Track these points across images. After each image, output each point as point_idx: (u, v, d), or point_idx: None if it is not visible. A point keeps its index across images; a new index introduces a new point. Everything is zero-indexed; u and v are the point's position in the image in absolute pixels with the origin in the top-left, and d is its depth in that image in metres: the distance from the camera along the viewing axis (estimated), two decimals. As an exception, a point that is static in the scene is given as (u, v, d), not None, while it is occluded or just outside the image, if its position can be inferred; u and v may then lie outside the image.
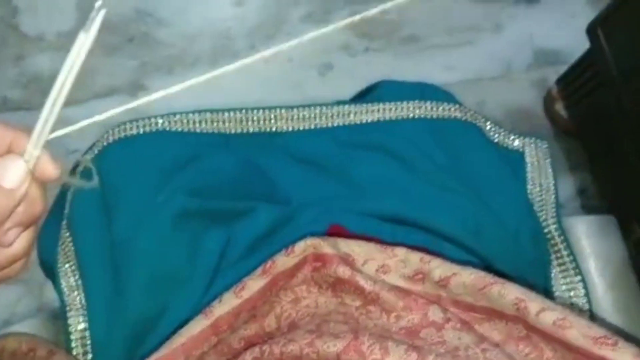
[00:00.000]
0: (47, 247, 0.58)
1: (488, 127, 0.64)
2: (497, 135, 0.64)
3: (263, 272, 0.47)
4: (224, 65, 0.32)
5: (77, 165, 0.58)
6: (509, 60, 1.25)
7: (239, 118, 0.61)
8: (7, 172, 0.29)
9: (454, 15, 1.27)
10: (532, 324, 0.39)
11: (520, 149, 0.64)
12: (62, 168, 0.31)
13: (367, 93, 0.67)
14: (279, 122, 0.61)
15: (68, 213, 0.57)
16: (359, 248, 0.49)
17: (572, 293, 0.58)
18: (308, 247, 0.48)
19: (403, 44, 1.26)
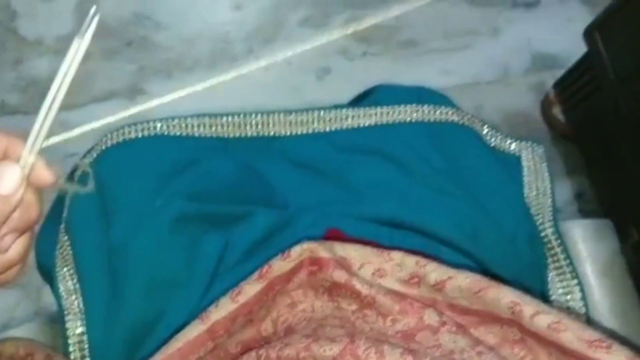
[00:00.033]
0: (45, 251, 0.58)
1: (485, 130, 0.64)
2: (494, 139, 0.65)
3: (259, 276, 0.47)
4: (223, 69, 0.32)
5: (75, 169, 0.59)
6: (507, 65, 1.26)
7: (238, 122, 0.61)
8: (2, 178, 0.29)
9: (452, 20, 1.28)
10: (527, 327, 0.39)
11: (517, 153, 0.64)
12: (57, 174, 0.31)
13: (364, 97, 0.67)
14: (277, 126, 0.61)
15: (66, 217, 0.57)
16: (355, 252, 0.49)
17: (568, 297, 0.58)
18: (304, 251, 0.48)
19: (401, 49, 1.26)
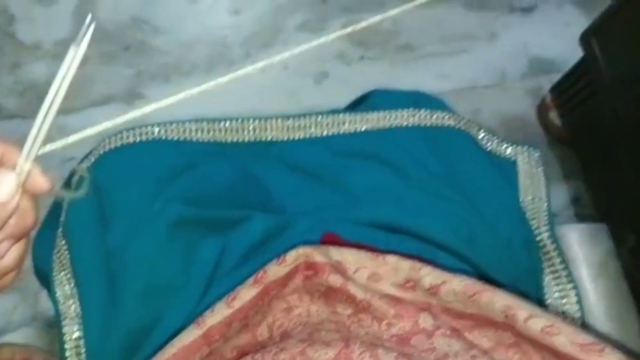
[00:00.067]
0: (42, 255, 0.58)
1: (481, 135, 0.65)
2: (490, 144, 0.65)
3: (255, 281, 0.47)
4: (221, 73, 0.32)
5: (73, 174, 0.59)
6: (504, 69, 1.26)
7: (235, 127, 0.61)
8: None
9: (449, 24, 1.28)
10: (520, 331, 0.39)
11: (513, 158, 0.65)
12: (53, 181, 0.31)
13: (361, 102, 0.67)
14: (275, 131, 0.61)
15: (64, 221, 0.57)
16: (351, 256, 0.49)
17: (564, 300, 0.58)
18: (300, 255, 0.49)
19: (398, 53, 1.27)
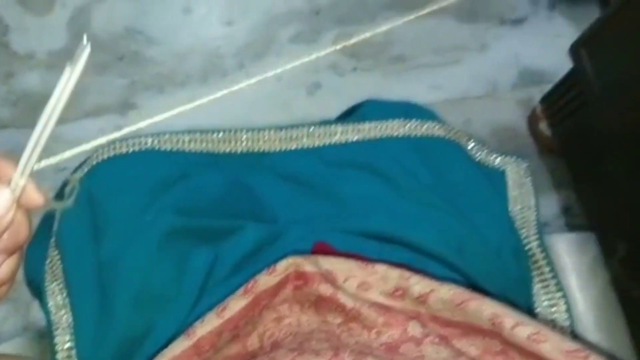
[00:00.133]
0: (34, 265, 0.58)
1: (470, 145, 0.65)
2: (479, 154, 0.65)
3: (245, 291, 0.48)
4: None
5: (65, 184, 0.59)
6: (495, 80, 1.28)
7: (228, 138, 0.62)
8: None
9: (441, 36, 1.30)
10: (507, 339, 0.39)
11: (502, 167, 0.65)
12: (46, 192, 0.32)
13: (352, 112, 0.68)
14: (267, 142, 0.62)
15: (56, 231, 0.57)
16: (340, 265, 0.49)
17: (553, 309, 0.59)
18: (290, 265, 0.49)
19: (391, 64, 1.28)
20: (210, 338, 0.46)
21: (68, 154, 0.31)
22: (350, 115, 0.67)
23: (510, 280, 0.58)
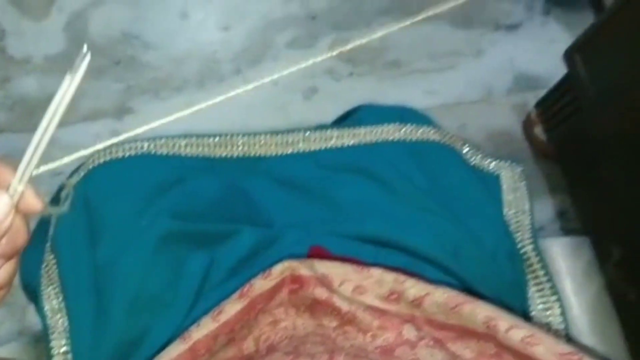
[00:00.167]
0: (30, 269, 0.58)
1: (465, 150, 0.66)
2: (474, 158, 0.66)
3: (241, 295, 0.48)
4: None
5: (61, 189, 0.59)
6: (490, 85, 1.28)
7: (224, 143, 0.62)
8: None
9: (436, 41, 1.30)
10: (502, 341, 0.39)
11: (496, 172, 0.66)
12: (43, 198, 0.32)
13: (347, 117, 0.68)
14: (263, 147, 0.62)
15: (52, 235, 0.57)
16: (336, 269, 0.49)
17: (548, 312, 0.59)
18: (285, 269, 0.49)
19: (386, 69, 1.28)
20: (206, 342, 0.46)
21: (67, 160, 0.31)
22: (346, 120, 0.67)
23: (505, 284, 0.59)
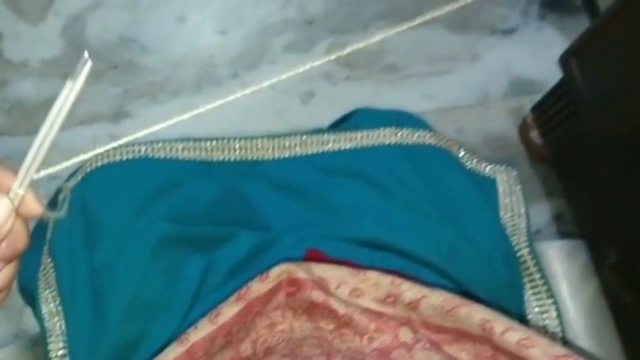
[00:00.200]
0: (27, 273, 0.58)
1: (461, 154, 0.66)
2: (470, 162, 0.66)
3: (238, 298, 0.48)
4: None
5: (59, 192, 0.59)
6: (486, 89, 1.29)
7: (222, 146, 0.62)
8: None
9: (433, 46, 1.31)
10: (497, 344, 0.40)
11: (492, 176, 0.66)
12: (45, 205, 0.32)
13: (344, 120, 0.68)
14: (261, 151, 0.62)
15: (50, 239, 0.57)
16: (332, 272, 0.49)
17: (544, 315, 0.59)
18: (282, 272, 0.49)
19: (383, 73, 1.29)
20: (204, 344, 0.46)
21: (66, 164, 0.31)
22: (343, 124, 0.67)
23: (501, 287, 0.59)
